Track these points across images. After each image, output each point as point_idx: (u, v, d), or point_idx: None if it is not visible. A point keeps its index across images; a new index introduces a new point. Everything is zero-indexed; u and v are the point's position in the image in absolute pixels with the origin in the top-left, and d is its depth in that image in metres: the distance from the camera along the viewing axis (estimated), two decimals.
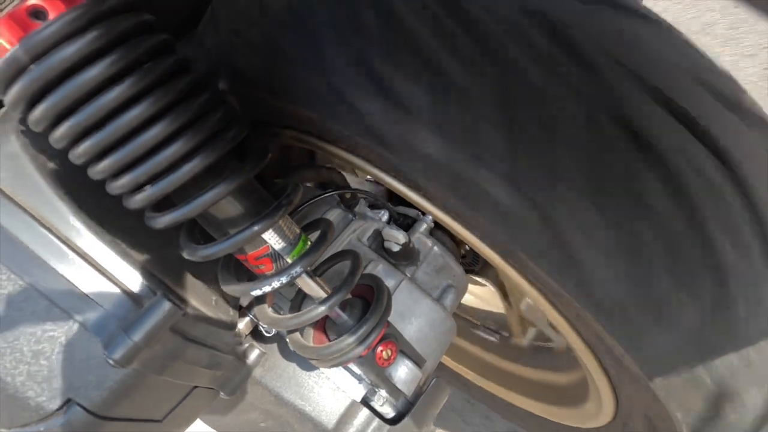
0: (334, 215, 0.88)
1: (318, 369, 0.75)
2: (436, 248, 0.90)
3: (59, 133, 0.42)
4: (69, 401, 0.52)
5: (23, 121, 0.44)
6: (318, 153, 0.92)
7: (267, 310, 0.65)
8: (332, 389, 0.75)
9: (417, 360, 0.77)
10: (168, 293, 0.55)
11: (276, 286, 0.54)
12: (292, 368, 0.75)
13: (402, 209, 0.93)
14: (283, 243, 0.55)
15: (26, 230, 0.51)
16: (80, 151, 0.43)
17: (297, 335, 0.66)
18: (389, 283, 0.80)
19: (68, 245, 0.52)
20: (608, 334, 0.52)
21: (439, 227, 0.93)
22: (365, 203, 0.93)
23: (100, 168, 0.45)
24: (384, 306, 0.63)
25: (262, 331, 0.73)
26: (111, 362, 0.49)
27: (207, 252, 0.51)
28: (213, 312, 0.63)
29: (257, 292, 0.55)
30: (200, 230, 0.56)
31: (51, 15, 0.39)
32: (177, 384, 0.64)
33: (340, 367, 0.75)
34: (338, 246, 0.84)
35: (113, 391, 0.53)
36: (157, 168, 0.45)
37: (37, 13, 0.39)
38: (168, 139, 0.44)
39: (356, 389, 0.75)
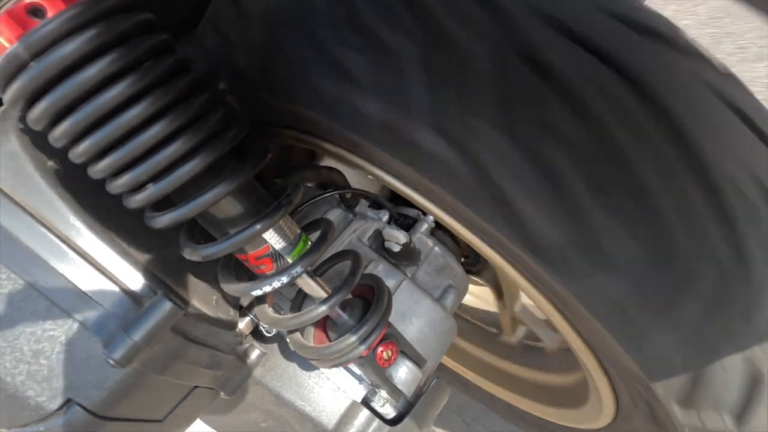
0: (335, 215, 0.87)
1: (318, 369, 0.75)
2: (437, 248, 0.90)
3: (59, 132, 0.42)
4: (69, 401, 0.52)
5: (23, 120, 0.44)
6: (318, 152, 0.92)
7: (267, 310, 0.65)
8: (333, 389, 0.75)
9: (417, 360, 0.77)
10: (169, 293, 0.55)
11: (276, 286, 0.54)
12: (293, 368, 0.75)
13: (403, 209, 0.93)
14: (284, 243, 0.55)
15: (26, 229, 0.51)
16: (80, 150, 0.43)
17: (297, 335, 0.66)
18: (390, 283, 0.79)
19: (68, 244, 0.52)
20: (608, 332, 0.52)
21: (440, 227, 0.93)
22: (366, 203, 0.93)
23: (100, 167, 0.45)
24: (384, 306, 0.63)
25: (263, 331, 0.73)
26: (111, 362, 0.48)
27: (207, 252, 0.51)
28: (213, 312, 0.63)
29: (257, 292, 0.55)
30: (200, 230, 0.55)
31: (50, 13, 0.39)
32: (177, 384, 0.64)
33: (341, 368, 0.75)
34: (339, 246, 0.83)
35: (113, 391, 0.53)
36: (157, 167, 0.45)
37: (36, 11, 0.38)
38: (168, 139, 0.44)
39: (356, 390, 0.75)
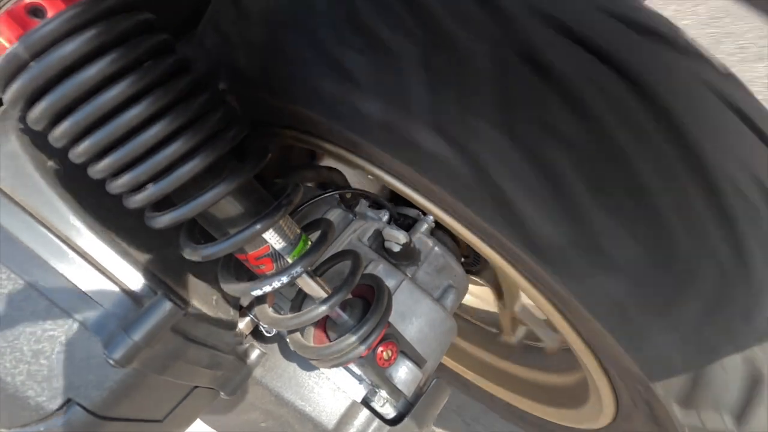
0: (335, 215, 0.87)
1: (318, 369, 0.75)
2: (437, 248, 0.90)
3: (59, 132, 0.42)
4: (69, 401, 0.52)
5: (23, 120, 0.44)
6: (318, 153, 0.92)
7: (267, 310, 0.65)
8: (332, 390, 0.75)
9: (417, 360, 0.77)
10: (169, 293, 0.55)
11: (276, 286, 0.54)
12: (293, 368, 0.75)
13: (403, 209, 0.93)
14: (284, 243, 0.55)
15: (26, 229, 0.51)
16: (80, 150, 0.43)
17: (297, 335, 0.66)
18: (390, 284, 0.79)
19: (68, 244, 0.52)
20: (608, 332, 0.52)
21: (440, 227, 0.93)
22: (366, 203, 0.93)
23: (100, 167, 0.45)
24: (384, 306, 0.63)
25: (263, 331, 0.73)
26: (111, 362, 0.48)
27: (207, 252, 0.51)
28: (213, 312, 0.63)
29: (257, 292, 0.55)
30: (200, 230, 0.55)
31: (50, 13, 0.39)
32: (177, 384, 0.63)
33: (341, 368, 0.75)
34: (339, 246, 0.83)
35: (113, 391, 0.53)
36: (157, 167, 0.45)
37: (36, 11, 0.38)
38: (168, 139, 0.44)
39: (356, 390, 0.75)
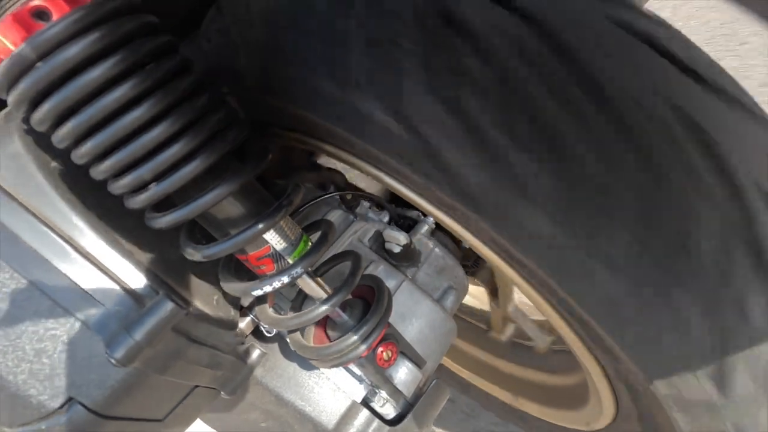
0: (335, 216, 0.88)
1: (318, 369, 0.75)
2: (437, 250, 0.90)
3: (62, 133, 0.43)
4: (71, 400, 0.52)
5: (26, 121, 0.44)
6: (318, 154, 0.92)
7: (268, 310, 0.65)
8: (332, 390, 0.75)
9: (417, 361, 0.77)
10: (170, 293, 0.55)
11: (277, 286, 0.54)
12: (293, 368, 0.76)
13: (403, 210, 0.93)
14: (285, 243, 0.55)
15: (29, 229, 0.51)
16: (82, 152, 0.44)
17: (298, 335, 0.66)
18: (390, 284, 0.80)
19: (70, 244, 0.52)
20: (607, 333, 0.52)
21: (441, 229, 0.93)
22: (366, 204, 0.93)
23: (102, 168, 0.45)
24: (384, 307, 0.63)
25: (263, 331, 0.73)
26: (113, 361, 0.49)
27: (208, 252, 0.51)
28: (214, 312, 0.64)
29: (258, 292, 0.55)
30: (201, 230, 0.56)
31: (55, 16, 0.39)
32: (178, 383, 0.64)
33: (341, 368, 0.75)
34: (339, 247, 0.84)
35: (115, 390, 0.53)
36: (159, 168, 0.45)
37: (41, 14, 0.39)
38: (169, 140, 0.45)
39: (356, 390, 0.75)
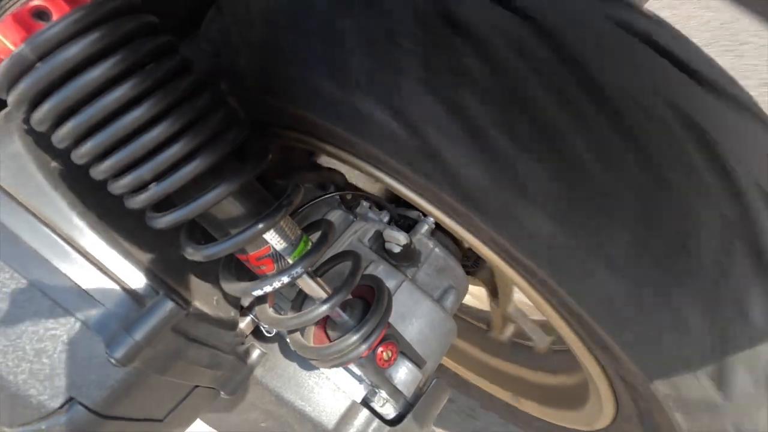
0: (335, 216, 0.88)
1: (318, 369, 0.76)
2: (437, 250, 0.90)
3: (62, 133, 0.43)
4: (71, 400, 0.52)
5: (26, 121, 0.44)
6: (318, 154, 0.92)
7: (268, 310, 0.65)
8: (332, 390, 0.75)
9: (417, 361, 0.77)
10: (170, 293, 0.55)
11: (277, 287, 0.54)
12: (293, 368, 0.76)
13: (403, 210, 0.93)
14: (285, 243, 0.55)
15: (29, 229, 0.51)
16: (82, 151, 0.44)
17: (298, 335, 0.66)
18: (390, 284, 0.80)
19: (71, 244, 0.52)
20: (607, 335, 0.52)
21: (441, 229, 0.93)
22: (366, 204, 0.93)
23: (102, 168, 0.45)
24: (385, 307, 0.63)
25: (263, 331, 0.73)
26: (113, 361, 0.49)
27: (208, 252, 0.51)
28: (214, 312, 0.64)
29: (258, 292, 0.55)
30: (201, 230, 0.56)
31: (54, 16, 0.39)
32: (178, 383, 0.64)
33: (341, 368, 0.75)
34: (339, 247, 0.84)
35: (115, 390, 0.54)
36: (159, 168, 0.45)
37: (41, 14, 0.39)
38: (170, 140, 0.45)
39: (356, 390, 0.75)
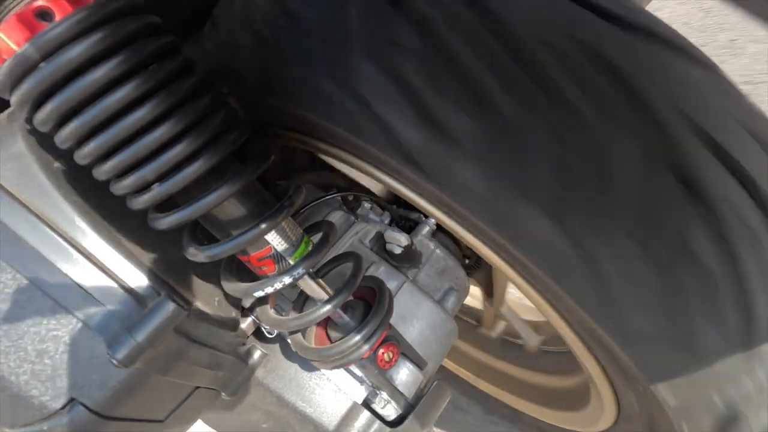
0: (337, 217, 0.88)
1: (319, 370, 0.76)
2: (439, 251, 0.90)
3: (65, 134, 0.43)
4: (72, 400, 0.52)
5: (29, 121, 0.44)
6: (319, 154, 0.93)
7: (269, 311, 0.65)
8: (333, 391, 0.75)
9: (418, 362, 0.77)
10: (172, 294, 0.55)
11: (278, 288, 0.54)
12: (294, 369, 0.76)
13: (404, 212, 0.93)
14: (286, 244, 0.55)
15: (31, 230, 0.51)
16: (85, 152, 0.44)
17: (299, 336, 0.66)
18: (391, 286, 0.80)
19: (73, 245, 0.52)
20: (607, 333, 0.52)
21: (442, 230, 0.93)
22: (368, 205, 0.93)
23: (105, 168, 0.45)
24: (386, 308, 0.63)
25: (264, 332, 0.73)
26: (114, 362, 0.49)
27: (210, 253, 0.51)
28: (216, 312, 0.64)
29: (259, 293, 0.55)
30: (203, 231, 0.56)
31: (57, 16, 0.39)
32: (179, 384, 0.64)
33: (342, 369, 0.75)
34: (340, 248, 0.84)
35: (116, 391, 0.54)
36: (161, 169, 0.45)
37: (44, 14, 0.39)
38: (172, 141, 0.45)
39: (357, 391, 0.75)
